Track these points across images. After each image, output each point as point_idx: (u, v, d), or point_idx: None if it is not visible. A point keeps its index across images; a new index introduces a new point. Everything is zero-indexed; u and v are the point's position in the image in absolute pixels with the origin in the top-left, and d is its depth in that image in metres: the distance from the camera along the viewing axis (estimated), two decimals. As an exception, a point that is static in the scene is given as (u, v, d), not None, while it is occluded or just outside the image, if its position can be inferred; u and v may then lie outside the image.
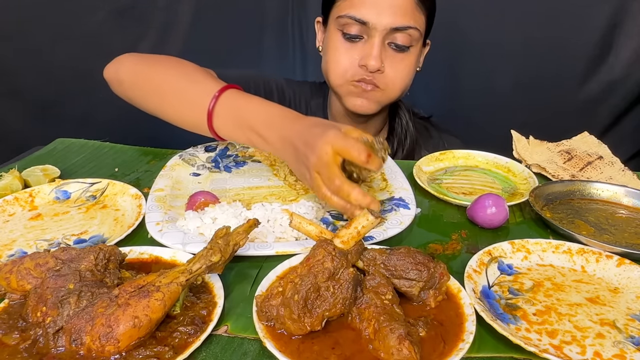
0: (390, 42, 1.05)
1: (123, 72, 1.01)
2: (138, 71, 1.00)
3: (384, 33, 1.03)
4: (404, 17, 1.02)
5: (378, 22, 1.02)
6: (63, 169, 1.02)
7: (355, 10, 1.03)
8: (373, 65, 1.04)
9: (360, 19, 1.03)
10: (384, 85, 1.09)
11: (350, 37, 1.07)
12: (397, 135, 1.27)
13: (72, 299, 0.55)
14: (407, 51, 1.07)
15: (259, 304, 0.58)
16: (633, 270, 0.69)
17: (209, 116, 0.88)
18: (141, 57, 1.03)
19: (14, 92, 2.05)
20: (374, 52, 1.04)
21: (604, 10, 1.71)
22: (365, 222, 0.61)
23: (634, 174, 1.04)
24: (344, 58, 1.08)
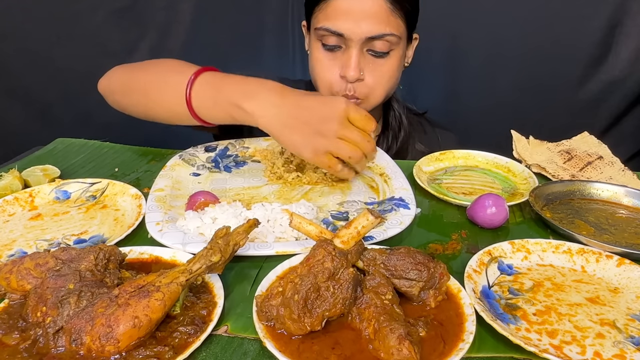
0: (368, 49, 1.05)
1: (114, 82, 1.06)
2: (126, 78, 1.04)
3: (360, 42, 1.03)
4: (379, 26, 1.01)
5: (353, 32, 1.02)
6: (63, 169, 1.02)
7: (330, 23, 1.03)
8: (352, 76, 1.05)
9: (335, 31, 1.03)
10: (364, 95, 1.10)
11: (329, 48, 1.07)
12: (391, 129, 1.27)
13: (72, 299, 0.55)
14: (387, 56, 1.07)
15: (259, 304, 0.58)
16: (633, 270, 0.69)
17: (187, 100, 0.90)
18: (129, 66, 1.06)
19: (14, 92, 2.05)
20: (352, 64, 1.04)
21: (604, 10, 1.71)
22: (365, 222, 0.61)
23: (634, 174, 1.04)
24: (327, 70, 1.09)
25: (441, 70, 1.91)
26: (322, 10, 1.05)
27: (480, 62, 1.88)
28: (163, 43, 1.95)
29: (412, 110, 1.36)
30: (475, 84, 1.91)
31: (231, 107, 0.87)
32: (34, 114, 2.08)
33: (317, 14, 1.07)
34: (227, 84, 0.89)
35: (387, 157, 1.06)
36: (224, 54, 1.96)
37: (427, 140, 1.30)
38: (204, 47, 1.96)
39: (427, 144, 1.28)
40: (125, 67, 1.07)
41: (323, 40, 1.07)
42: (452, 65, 1.90)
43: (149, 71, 1.02)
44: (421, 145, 1.27)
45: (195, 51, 1.96)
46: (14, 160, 1.11)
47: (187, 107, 0.90)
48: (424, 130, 1.34)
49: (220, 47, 1.96)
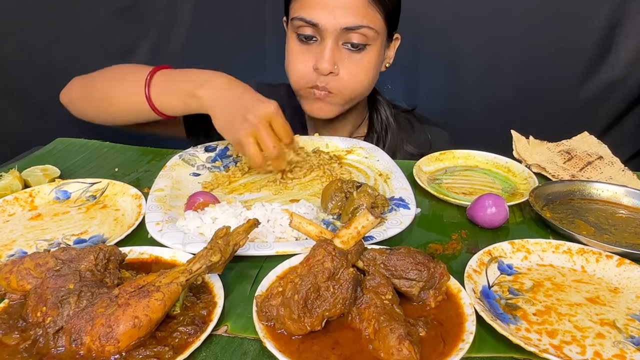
0: (344, 42, 1.04)
1: (74, 92, 1.14)
2: (85, 86, 1.12)
3: (335, 34, 1.02)
4: (356, 17, 1.01)
5: (329, 23, 1.01)
6: (63, 169, 1.02)
7: (305, 12, 1.03)
8: (325, 68, 1.04)
9: (310, 21, 1.02)
10: (337, 90, 1.08)
11: (304, 39, 1.06)
12: (376, 132, 1.26)
13: (72, 299, 0.55)
14: (363, 50, 1.06)
15: (259, 304, 0.58)
16: (633, 270, 0.69)
17: (147, 95, 0.99)
18: (86, 75, 1.14)
19: (13, 92, 2.05)
20: (326, 56, 1.03)
21: (604, 10, 1.71)
22: (365, 222, 0.61)
23: (634, 174, 1.04)
24: (300, 62, 1.09)
25: (441, 70, 1.91)
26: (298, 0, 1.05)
27: (480, 62, 1.88)
28: (163, 43, 1.94)
29: (400, 107, 1.34)
30: (475, 84, 1.91)
31: (185, 96, 0.96)
32: (33, 114, 2.08)
33: (294, 3, 1.06)
34: (182, 76, 0.99)
35: (387, 157, 1.06)
36: (224, 54, 1.96)
37: (415, 138, 1.29)
38: (204, 47, 1.96)
39: (416, 142, 1.26)
40: (83, 77, 1.15)
41: (298, 31, 1.06)
42: (452, 65, 1.90)
43: (107, 76, 1.10)
44: (411, 147, 1.26)
45: (195, 51, 1.96)
46: (14, 160, 1.11)
47: (147, 100, 0.99)
48: (412, 128, 1.32)
49: (220, 47, 1.96)
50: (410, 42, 1.30)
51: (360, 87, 1.11)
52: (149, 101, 1.00)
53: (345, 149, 1.12)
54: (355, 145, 1.12)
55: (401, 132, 1.28)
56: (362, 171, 1.04)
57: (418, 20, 1.41)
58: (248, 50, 1.98)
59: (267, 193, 0.94)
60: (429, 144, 1.24)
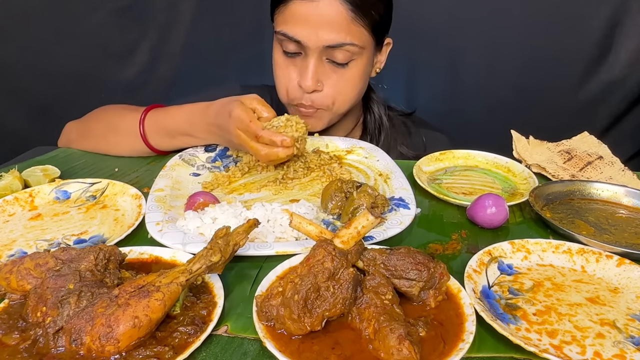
0: (327, 58, 1.02)
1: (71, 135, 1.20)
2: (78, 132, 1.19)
3: (317, 51, 1.00)
4: (339, 34, 0.98)
5: (311, 40, 0.98)
6: (63, 171, 1.02)
7: (288, 28, 1.00)
8: (308, 86, 1.03)
9: (293, 37, 1.00)
10: (324, 105, 1.07)
11: (288, 54, 1.05)
12: (369, 133, 1.25)
13: (72, 299, 0.55)
14: (347, 66, 1.04)
15: (259, 304, 0.58)
16: (633, 270, 0.69)
17: (146, 143, 1.08)
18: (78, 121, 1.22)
19: (14, 92, 2.05)
20: (309, 74, 1.02)
21: (604, 10, 1.71)
22: (365, 222, 0.61)
23: (634, 174, 1.04)
24: (284, 76, 1.08)
25: (441, 71, 1.92)
26: (281, 13, 1.02)
27: (480, 62, 1.88)
28: (163, 43, 1.95)
29: (397, 110, 1.33)
30: (475, 84, 1.91)
31: (184, 137, 1.06)
32: (34, 114, 2.08)
33: (277, 16, 1.04)
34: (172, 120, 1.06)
35: (387, 157, 1.06)
36: (224, 54, 1.96)
37: (410, 142, 1.27)
38: (204, 47, 1.96)
39: (411, 145, 1.25)
40: (76, 122, 1.22)
41: (282, 46, 1.04)
42: (452, 66, 1.90)
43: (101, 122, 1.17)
44: (404, 148, 1.24)
45: (195, 51, 1.96)
46: (14, 160, 1.11)
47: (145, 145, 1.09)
48: (408, 131, 1.31)
49: (220, 47, 1.96)
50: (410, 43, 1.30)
51: (348, 100, 1.09)
52: (147, 145, 1.09)
53: (345, 149, 1.12)
54: (355, 145, 1.12)
55: (396, 133, 1.27)
56: (362, 171, 1.04)
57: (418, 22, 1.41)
58: (248, 50, 1.98)
59: (267, 193, 0.94)
60: (423, 147, 1.23)
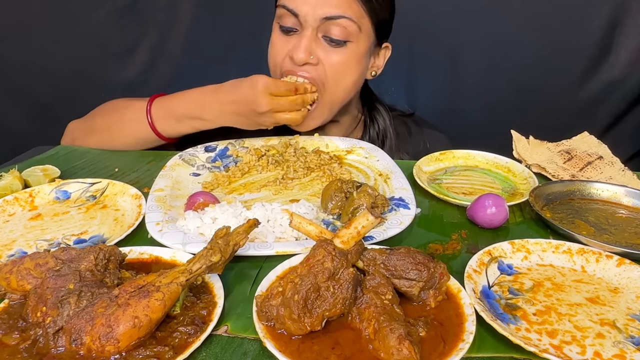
0: (324, 35, 1.04)
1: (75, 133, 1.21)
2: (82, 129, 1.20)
3: (315, 24, 1.02)
4: (337, 8, 1.01)
5: (309, 13, 1.01)
6: (63, 171, 1.02)
7: (288, 1, 1.04)
8: (300, 58, 1.03)
9: (292, 10, 1.03)
10: (318, 79, 1.05)
11: (285, 30, 1.06)
12: (370, 139, 1.24)
13: (72, 299, 0.55)
14: (343, 46, 1.04)
15: (259, 304, 0.58)
16: (633, 270, 0.69)
17: (152, 127, 1.08)
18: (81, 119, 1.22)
19: (14, 91, 2.05)
20: (302, 44, 1.03)
21: (604, 10, 1.71)
22: (365, 222, 0.61)
23: (634, 174, 1.04)
24: (277, 52, 1.09)
25: (442, 70, 1.91)
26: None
27: (480, 62, 1.88)
28: (163, 43, 1.95)
29: (398, 110, 1.33)
30: (475, 84, 1.91)
31: (192, 121, 1.06)
32: (34, 114, 2.08)
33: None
34: (179, 104, 1.07)
35: (387, 157, 1.06)
36: (224, 54, 1.96)
37: (411, 142, 1.28)
38: (204, 46, 1.96)
39: (414, 149, 1.25)
40: (79, 121, 1.23)
41: (281, 22, 1.07)
42: (453, 65, 1.90)
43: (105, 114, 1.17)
44: (406, 155, 1.24)
45: (195, 51, 1.96)
46: (14, 160, 1.11)
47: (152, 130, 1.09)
48: (408, 131, 1.31)
49: (220, 47, 1.96)
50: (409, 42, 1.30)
51: (341, 85, 1.08)
52: (154, 130, 1.09)
53: (345, 149, 1.12)
54: (355, 146, 1.12)
55: (397, 139, 1.27)
56: (362, 171, 1.04)
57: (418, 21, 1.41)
58: (248, 50, 1.98)
59: (267, 193, 0.94)
60: (425, 147, 1.24)
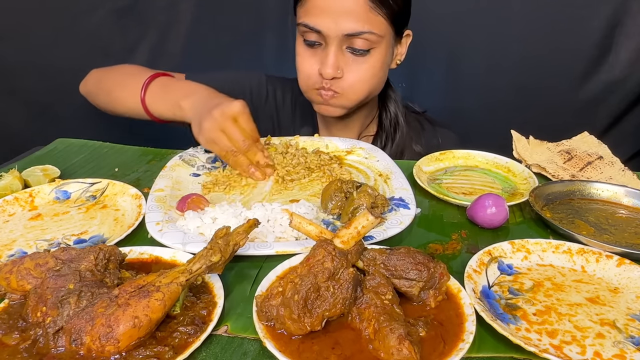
0: (348, 46, 1.06)
1: (89, 85, 1.24)
2: (97, 80, 1.23)
3: (337, 40, 1.04)
4: (358, 23, 1.02)
5: (331, 30, 1.03)
6: (63, 169, 1.02)
7: (309, 19, 1.05)
8: (328, 73, 1.06)
9: (314, 27, 1.04)
10: (342, 90, 1.10)
11: (310, 44, 1.09)
12: (385, 130, 1.27)
13: (72, 299, 0.55)
14: (367, 54, 1.07)
15: (259, 304, 0.58)
16: (633, 270, 0.69)
17: (142, 100, 1.07)
18: (101, 69, 1.24)
19: (14, 92, 2.05)
20: (329, 61, 1.06)
21: (604, 10, 1.71)
22: (365, 222, 0.61)
23: (634, 174, 1.04)
24: (306, 65, 1.12)
25: (442, 70, 1.91)
26: (302, 5, 1.07)
27: (480, 62, 1.88)
28: (163, 43, 1.94)
29: (411, 108, 1.36)
30: (475, 83, 1.91)
31: (173, 106, 1.03)
32: (34, 114, 2.08)
33: (299, 9, 1.09)
34: (174, 87, 1.08)
35: (387, 157, 1.06)
36: (224, 54, 1.96)
37: (426, 139, 1.30)
38: (204, 46, 1.96)
39: (426, 143, 1.27)
40: (99, 71, 1.24)
41: (304, 37, 1.09)
42: (453, 65, 1.90)
43: (116, 75, 1.19)
44: (419, 147, 1.27)
45: (195, 51, 1.96)
46: (14, 160, 1.11)
47: (142, 105, 1.08)
48: (423, 129, 1.33)
49: (220, 47, 1.96)
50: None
51: (367, 88, 1.12)
52: (143, 105, 1.08)
53: (345, 149, 1.12)
54: (355, 146, 1.12)
55: (411, 132, 1.29)
56: (362, 171, 1.04)
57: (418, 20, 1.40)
58: (248, 50, 1.98)
59: (268, 193, 0.93)
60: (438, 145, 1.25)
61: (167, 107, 1.05)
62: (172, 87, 1.08)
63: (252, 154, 0.95)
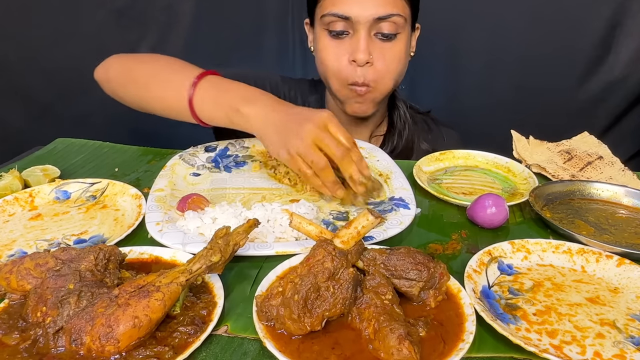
0: (376, 32, 1.06)
1: (112, 72, 1.06)
2: (125, 69, 1.05)
3: (367, 25, 1.03)
4: (386, 6, 1.03)
5: (361, 15, 1.02)
6: (63, 169, 1.02)
7: (337, 8, 1.04)
8: (362, 58, 1.05)
9: (343, 15, 1.03)
10: (374, 82, 1.09)
11: (336, 34, 1.07)
12: (396, 128, 1.27)
13: (72, 299, 0.55)
14: (394, 39, 1.07)
15: (259, 304, 0.58)
16: (633, 270, 0.69)
17: (190, 100, 0.93)
18: (127, 56, 1.08)
19: (14, 92, 2.05)
20: (361, 46, 1.04)
21: (604, 10, 1.71)
22: (365, 222, 0.61)
23: (634, 174, 1.04)
24: (335, 58, 1.09)
25: (442, 70, 1.91)
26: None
27: (480, 62, 1.88)
28: (163, 43, 1.95)
29: (416, 109, 1.36)
30: (475, 84, 1.91)
31: (231, 111, 0.90)
32: (34, 114, 2.08)
33: (323, 2, 1.07)
34: (229, 89, 0.93)
35: (387, 157, 1.06)
36: (224, 54, 1.96)
37: (432, 138, 1.30)
38: (204, 47, 1.96)
39: (432, 143, 1.28)
40: (123, 58, 1.08)
41: (330, 27, 1.07)
42: (453, 65, 1.90)
43: (150, 65, 1.04)
44: (426, 144, 1.27)
45: (195, 51, 1.96)
46: (14, 160, 1.11)
47: (189, 106, 0.93)
48: (429, 129, 1.34)
49: (220, 47, 1.96)
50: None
51: (396, 75, 1.12)
52: (190, 107, 0.94)
53: (345, 149, 1.12)
54: (355, 146, 1.12)
55: (418, 130, 1.29)
56: (362, 171, 1.04)
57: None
58: (248, 50, 1.98)
59: (268, 193, 0.93)
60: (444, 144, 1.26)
61: (223, 112, 0.91)
62: (226, 89, 0.93)
63: (347, 163, 0.82)
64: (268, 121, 0.86)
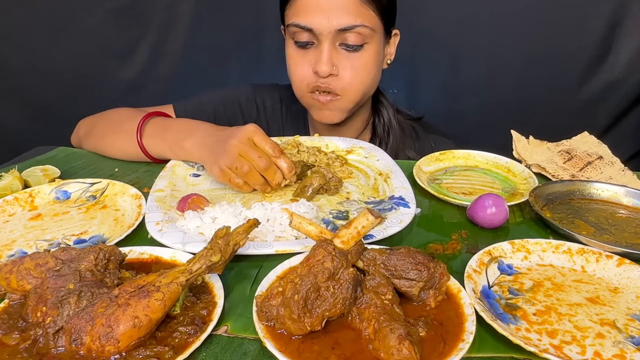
0: (341, 43, 1.05)
1: (81, 133, 1.19)
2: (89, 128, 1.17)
3: (330, 36, 1.03)
4: (349, 17, 1.02)
5: (323, 26, 1.02)
6: (63, 170, 1.02)
7: (299, 18, 1.04)
8: (324, 70, 1.05)
9: (305, 26, 1.03)
10: (341, 91, 1.09)
11: (302, 45, 1.07)
12: (378, 136, 1.26)
13: (72, 299, 0.55)
14: (361, 49, 1.06)
15: (259, 304, 0.58)
16: (633, 270, 0.69)
17: (140, 145, 1.04)
18: (91, 117, 1.20)
19: (14, 92, 2.05)
20: (324, 58, 1.04)
21: (603, 10, 1.71)
22: (365, 222, 0.61)
23: (634, 174, 1.04)
24: (299, 67, 1.10)
25: (442, 71, 1.92)
26: (291, 6, 1.06)
27: (480, 62, 1.88)
28: (163, 43, 1.95)
29: (406, 114, 1.34)
30: (475, 84, 1.91)
31: (174, 146, 1.00)
32: (34, 114, 2.08)
33: (287, 11, 1.08)
34: (170, 127, 1.04)
35: (387, 156, 1.06)
36: (224, 54, 1.97)
37: (419, 146, 1.28)
38: (204, 47, 1.96)
39: (419, 151, 1.26)
40: (87, 119, 1.21)
41: (295, 38, 1.07)
42: (453, 66, 1.90)
43: (105, 120, 1.15)
44: (412, 152, 1.26)
45: (195, 51, 1.96)
46: (14, 160, 1.11)
47: (140, 148, 1.04)
48: (416, 136, 1.32)
49: (220, 47, 1.96)
50: (410, 42, 1.30)
51: (363, 86, 1.11)
52: (142, 149, 1.04)
53: (345, 149, 1.12)
54: (355, 145, 1.12)
55: (404, 137, 1.28)
56: (362, 171, 1.04)
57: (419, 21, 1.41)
58: (248, 50, 1.98)
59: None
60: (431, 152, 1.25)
61: (167, 148, 1.01)
62: (168, 127, 1.04)
63: (271, 172, 0.88)
64: (204, 147, 0.94)
